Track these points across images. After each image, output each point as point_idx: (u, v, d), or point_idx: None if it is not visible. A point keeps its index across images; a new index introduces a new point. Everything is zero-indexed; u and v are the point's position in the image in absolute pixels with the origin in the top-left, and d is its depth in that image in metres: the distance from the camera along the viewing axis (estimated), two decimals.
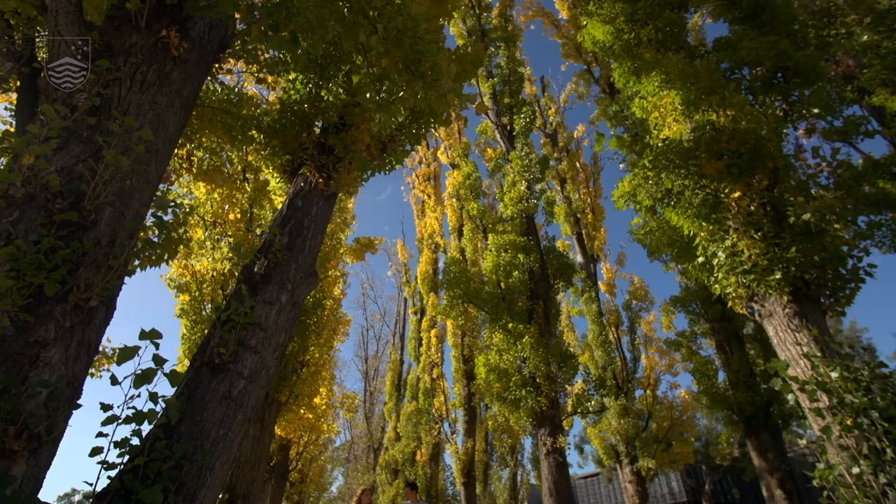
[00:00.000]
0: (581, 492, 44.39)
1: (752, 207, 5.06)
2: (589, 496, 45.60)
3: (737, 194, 5.12)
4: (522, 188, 10.94)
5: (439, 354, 18.77)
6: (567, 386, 9.35)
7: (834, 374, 3.86)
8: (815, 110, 5.72)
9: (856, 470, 3.54)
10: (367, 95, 3.64)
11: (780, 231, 4.87)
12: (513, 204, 10.84)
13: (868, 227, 5.77)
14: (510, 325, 9.19)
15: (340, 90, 4.72)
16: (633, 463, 13.35)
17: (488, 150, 16.66)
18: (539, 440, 8.29)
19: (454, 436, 16.22)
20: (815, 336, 4.25)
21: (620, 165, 6.64)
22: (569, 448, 8.55)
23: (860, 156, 6.53)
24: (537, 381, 8.58)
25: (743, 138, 5.26)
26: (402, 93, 3.28)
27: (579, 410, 10.09)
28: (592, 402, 10.16)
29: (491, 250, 10.43)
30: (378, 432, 29.63)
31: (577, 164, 19.04)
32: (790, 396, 4.14)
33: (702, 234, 5.34)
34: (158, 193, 2.90)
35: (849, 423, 3.64)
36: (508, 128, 12.52)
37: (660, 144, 5.67)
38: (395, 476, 19.84)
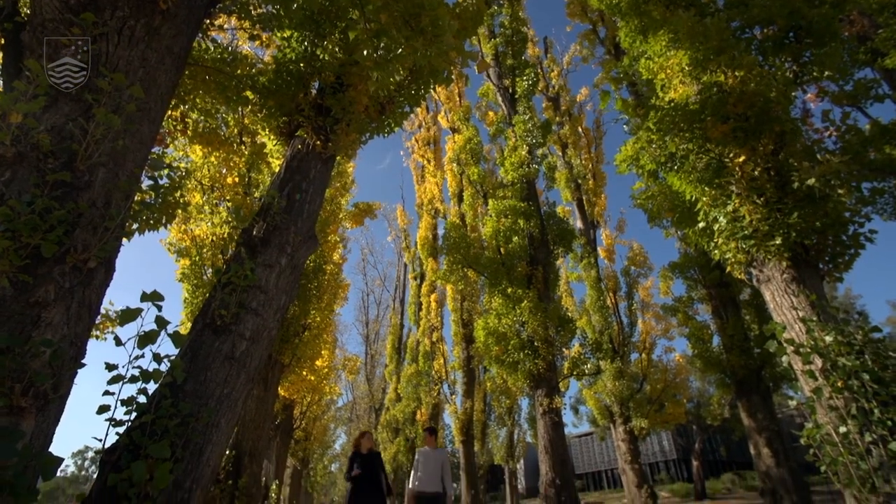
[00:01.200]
0: (575, 449, 46.17)
1: (755, 172, 4.99)
2: (583, 453, 47.42)
3: (741, 159, 5.04)
4: (523, 153, 10.77)
5: (439, 318, 19.03)
6: (564, 349, 9.52)
7: (828, 339, 3.92)
8: (827, 72, 5.55)
9: (842, 429, 3.65)
10: (365, 53, 3.52)
11: (783, 196, 4.83)
12: (513, 169, 10.70)
13: (871, 193, 5.71)
14: (509, 289, 9.26)
15: (337, 48, 4.56)
16: (626, 423, 13.78)
17: (489, 113, 16.33)
18: (536, 401, 8.52)
19: (453, 396, 16.66)
20: (812, 301, 4.29)
21: (624, 127, 6.52)
22: (564, 408, 8.79)
23: (868, 120, 6.38)
24: (535, 344, 8.73)
25: (750, 101, 5.13)
26: (400, 50, 3.16)
27: (575, 373, 10.31)
28: (588, 365, 10.37)
29: (491, 215, 10.38)
30: (379, 393, 30.44)
31: (579, 129, 18.71)
32: (784, 359, 4.22)
33: (704, 199, 5.29)
34: (153, 156, 2.85)
35: (839, 384, 3.73)
36: (510, 90, 12.21)
37: (665, 106, 5.54)
38: (396, 434, 20.53)
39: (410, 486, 6.17)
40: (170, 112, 5.09)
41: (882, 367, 3.72)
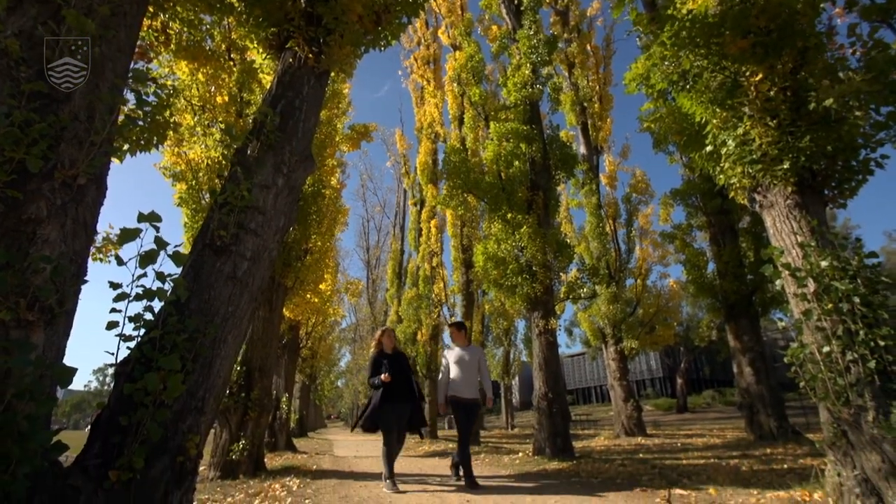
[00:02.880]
0: (567, 368, 48.92)
1: (771, 92, 4.75)
2: (574, 371, 50.26)
3: (758, 77, 4.78)
4: (527, 72, 10.21)
5: (439, 244, 19.22)
6: (562, 274, 9.70)
7: (824, 263, 3.96)
8: None
9: (826, 349, 3.81)
10: None
11: (797, 119, 4.64)
12: (517, 90, 10.21)
13: (887, 117, 5.48)
14: (509, 215, 9.23)
15: None
16: (617, 343, 14.44)
17: (493, 27, 15.26)
18: (532, 322, 8.83)
19: (452, 318, 17.28)
20: (812, 226, 4.28)
21: (637, 41, 6.10)
22: (559, 330, 9.14)
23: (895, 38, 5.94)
24: (533, 269, 8.88)
25: (774, 12, 4.75)
26: None
27: (571, 297, 10.59)
28: (584, 290, 10.62)
29: (492, 139, 10.07)
30: (381, 316, 31.57)
31: (588, 47, 17.62)
32: (778, 283, 4.30)
33: (714, 121, 5.09)
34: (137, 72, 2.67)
35: (830, 307, 3.83)
36: (516, 1, 11.31)
37: (682, 18, 5.15)
38: None
39: (442, 391, 5.42)
40: (149, 22, 4.74)
41: (873, 291, 3.80)
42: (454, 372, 5.37)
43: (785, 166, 4.48)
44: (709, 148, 5.24)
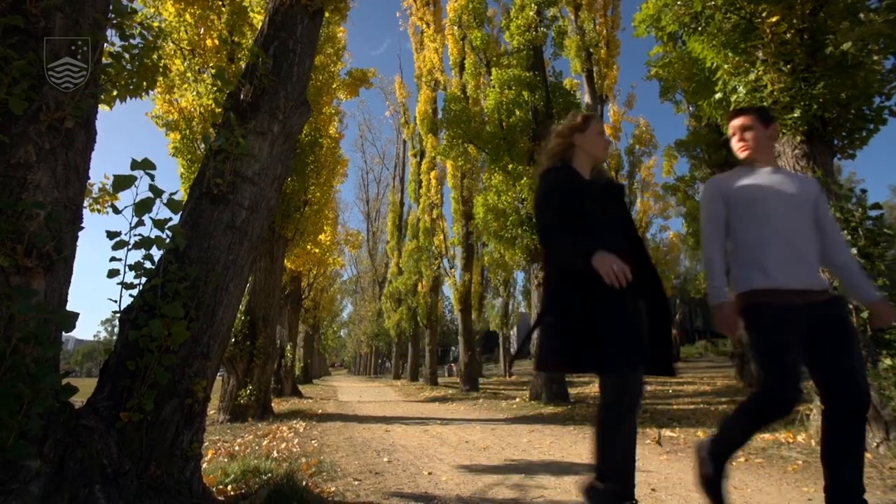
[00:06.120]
0: None
1: (787, 35, 4.53)
2: None
3: (774, 18, 4.53)
4: (531, 14, 9.72)
5: (439, 196, 19.06)
6: None
7: None
8: None
9: None
10: None
11: (812, 64, 4.45)
12: (519, 33, 9.75)
13: None
14: (510, 166, 9.08)
15: None
16: None
17: None
18: (532, 274, 8.91)
19: (452, 270, 17.42)
20: (817, 177, 4.21)
21: None
22: None
23: None
24: (534, 220, 8.84)
25: None
26: None
27: None
28: None
29: (494, 86, 9.74)
30: (382, 268, 31.86)
31: None
32: None
33: (725, 66, 4.89)
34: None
35: None
36: None
37: None
38: (399, 304, 21.94)
39: (719, 276, 2.01)
40: None
41: (873, 244, 3.80)
42: (755, 227, 1.98)
43: (795, 115, 4.34)
44: (718, 95, 5.07)
